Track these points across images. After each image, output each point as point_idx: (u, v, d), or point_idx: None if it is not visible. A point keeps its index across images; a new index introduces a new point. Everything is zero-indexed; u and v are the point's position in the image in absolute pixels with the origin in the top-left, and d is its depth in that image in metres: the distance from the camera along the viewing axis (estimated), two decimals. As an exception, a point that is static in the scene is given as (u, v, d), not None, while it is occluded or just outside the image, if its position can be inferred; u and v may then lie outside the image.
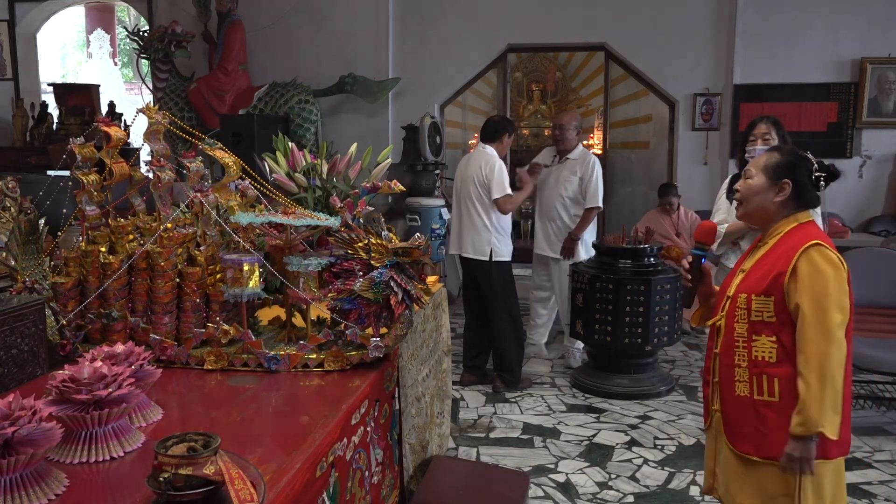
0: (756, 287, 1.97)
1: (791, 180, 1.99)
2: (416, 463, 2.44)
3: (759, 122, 3.42)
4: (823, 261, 1.88)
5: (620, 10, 6.49)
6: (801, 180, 2.00)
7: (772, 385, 1.95)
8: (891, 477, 3.34)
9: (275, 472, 1.26)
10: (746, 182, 2.06)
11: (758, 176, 2.04)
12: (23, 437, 1.14)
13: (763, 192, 2.02)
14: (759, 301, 1.96)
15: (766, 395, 1.96)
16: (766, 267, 1.97)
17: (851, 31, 6.18)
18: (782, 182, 1.99)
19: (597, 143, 9.34)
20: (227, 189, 2.01)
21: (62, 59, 13.93)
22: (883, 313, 3.97)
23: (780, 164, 2.01)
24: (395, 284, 1.79)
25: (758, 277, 1.98)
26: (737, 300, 2.01)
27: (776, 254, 1.97)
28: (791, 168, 2.00)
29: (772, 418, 1.94)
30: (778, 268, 1.93)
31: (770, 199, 2.01)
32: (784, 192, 1.99)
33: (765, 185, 2.02)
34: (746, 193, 2.05)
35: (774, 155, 2.05)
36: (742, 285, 2.02)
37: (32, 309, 1.84)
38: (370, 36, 6.80)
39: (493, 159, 4.32)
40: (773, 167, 2.01)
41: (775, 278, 1.93)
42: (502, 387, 4.44)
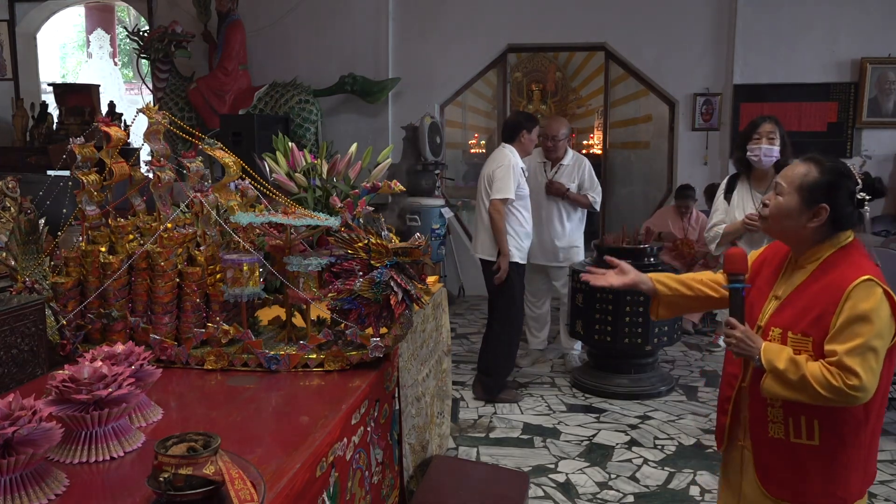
0: (794, 324, 1.75)
1: (829, 205, 1.72)
2: (416, 463, 2.44)
3: (763, 121, 3.41)
4: (874, 303, 1.64)
5: (620, 10, 6.50)
6: (841, 203, 1.73)
7: (811, 428, 1.75)
8: (891, 477, 3.34)
9: (275, 472, 1.26)
10: (777, 200, 1.80)
11: (790, 195, 1.77)
12: (23, 437, 1.14)
13: (795, 216, 1.76)
14: (796, 339, 1.74)
15: (805, 437, 1.76)
16: (805, 301, 1.74)
17: (851, 31, 6.19)
18: (818, 207, 1.73)
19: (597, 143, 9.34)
20: (227, 189, 2.01)
21: (62, 59, 13.93)
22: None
23: (817, 184, 1.74)
24: (395, 284, 1.79)
25: (796, 313, 1.75)
26: (769, 333, 1.79)
27: (818, 286, 1.74)
28: (830, 190, 1.73)
29: (811, 464, 1.77)
30: (821, 306, 1.70)
31: (803, 224, 1.76)
32: (820, 219, 1.74)
33: (797, 208, 1.76)
34: (775, 213, 1.80)
35: (812, 171, 1.76)
36: (777, 317, 1.80)
37: (32, 309, 1.84)
38: (370, 36, 6.81)
39: (505, 159, 4.16)
40: (810, 188, 1.74)
41: (818, 318, 1.70)
42: (480, 392, 4.28)
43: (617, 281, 2.04)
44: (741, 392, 1.89)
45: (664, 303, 2.06)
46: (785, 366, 1.68)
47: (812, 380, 1.65)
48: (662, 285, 2.03)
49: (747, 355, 1.76)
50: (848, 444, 1.76)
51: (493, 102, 8.54)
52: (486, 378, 4.28)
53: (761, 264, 1.94)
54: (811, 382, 1.65)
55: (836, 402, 1.66)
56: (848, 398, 1.64)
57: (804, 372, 1.66)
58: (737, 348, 1.77)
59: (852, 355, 1.63)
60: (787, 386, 1.69)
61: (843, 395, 1.63)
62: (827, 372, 1.64)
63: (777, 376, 1.70)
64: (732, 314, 1.81)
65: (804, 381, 1.66)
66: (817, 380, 1.65)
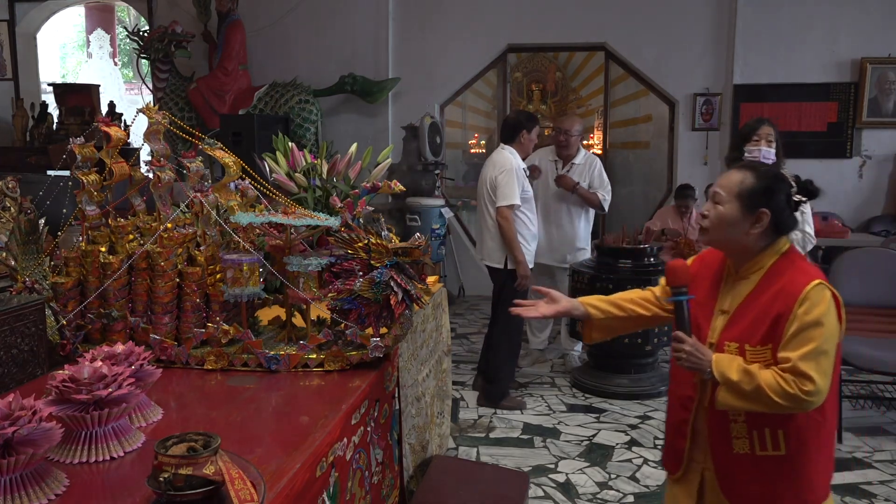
0: (750, 336, 1.73)
1: (769, 209, 1.73)
2: (416, 463, 2.44)
3: (763, 123, 3.38)
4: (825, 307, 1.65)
5: (620, 10, 6.50)
6: (780, 207, 1.74)
7: (776, 438, 1.74)
8: (891, 477, 3.34)
9: (275, 472, 1.26)
10: (717, 209, 1.78)
11: (730, 203, 1.76)
12: (23, 437, 1.14)
13: (738, 224, 1.75)
14: (754, 351, 1.72)
15: (771, 449, 1.74)
16: (758, 311, 1.73)
17: (851, 31, 6.19)
18: (759, 212, 1.73)
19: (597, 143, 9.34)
20: (227, 189, 2.01)
21: (62, 59, 13.93)
22: (883, 313, 3.97)
23: (755, 190, 1.74)
24: (395, 284, 1.79)
25: (750, 323, 1.73)
26: (723, 348, 1.76)
27: (769, 294, 1.73)
28: (768, 194, 1.74)
29: (779, 474, 1.76)
30: (775, 312, 1.69)
31: (746, 231, 1.75)
32: (762, 224, 1.74)
33: (739, 215, 1.75)
34: (717, 223, 1.78)
35: (748, 177, 1.77)
36: (729, 331, 1.77)
37: (32, 309, 1.84)
38: (370, 36, 6.81)
39: (506, 162, 4.06)
40: (749, 194, 1.75)
41: (773, 325, 1.69)
42: (483, 399, 4.26)
43: (548, 310, 2.00)
44: (699, 412, 1.83)
45: (597, 327, 2.02)
46: (738, 377, 1.66)
47: (767, 388, 1.63)
48: (595, 309, 2.00)
49: (698, 369, 1.72)
50: (812, 449, 1.76)
51: (493, 102, 8.54)
52: (489, 385, 4.26)
53: (693, 278, 1.87)
54: (766, 391, 1.64)
55: (792, 408, 1.66)
56: (803, 404, 1.64)
57: (758, 382, 1.64)
58: (687, 362, 1.72)
59: (807, 360, 1.62)
60: (742, 397, 1.67)
61: (799, 402, 1.63)
62: (781, 379, 1.63)
63: (731, 388, 1.68)
64: (679, 328, 1.76)
65: (759, 390, 1.64)
66: (772, 388, 1.63)
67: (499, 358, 4.24)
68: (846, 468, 3.42)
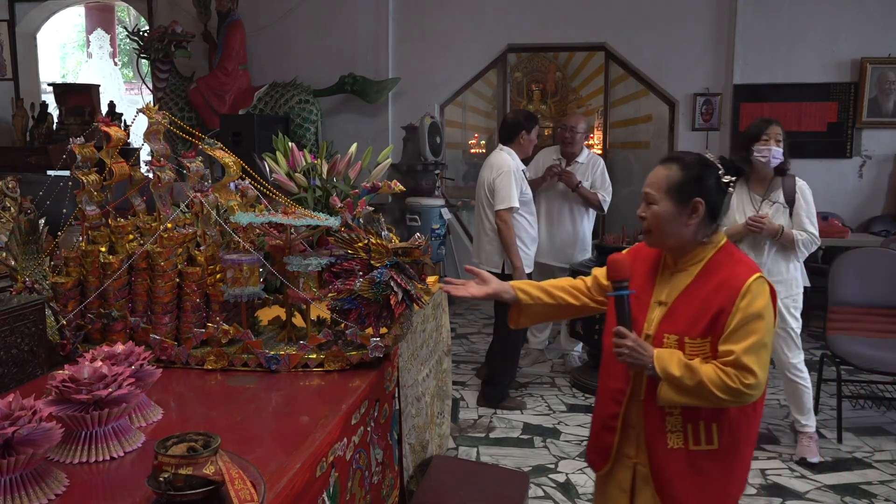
0: (690, 329, 1.70)
1: (702, 198, 1.71)
2: (416, 463, 2.44)
3: (771, 123, 3.38)
4: (765, 300, 1.67)
5: (620, 10, 6.49)
6: (712, 193, 1.73)
7: (710, 432, 1.73)
8: (891, 477, 3.34)
9: (275, 472, 1.26)
10: (652, 209, 1.76)
11: (663, 201, 1.74)
12: (23, 437, 1.14)
13: (675, 219, 1.73)
14: (693, 344, 1.70)
15: (704, 443, 1.73)
16: (699, 303, 1.71)
17: (851, 31, 6.19)
18: (693, 202, 1.71)
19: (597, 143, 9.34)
20: (227, 189, 2.01)
21: (62, 59, 13.93)
22: (883, 313, 3.96)
23: (685, 181, 1.72)
24: (395, 284, 1.79)
25: (690, 317, 1.71)
26: (663, 340, 1.74)
27: (710, 286, 1.71)
28: (698, 183, 1.72)
29: (711, 469, 1.74)
30: (717, 305, 1.68)
31: (684, 224, 1.73)
32: (698, 214, 1.72)
33: (675, 210, 1.73)
34: (655, 222, 1.76)
35: (674, 171, 1.74)
36: (668, 323, 1.75)
37: (32, 309, 1.84)
38: (370, 36, 6.80)
39: (504, 164, 4.02)
40: (678, 187, 1.72)
41: (714, 318, 1.68)
42: (483, 400, 4.26)
43: (477, 291, 1.96)
44: (631, 406, 1.80)
45: (525, 312, 2.01)
46: (680, 372, 1.65)
47: (709, 383, 1.63)
48: (524, 294, 1.98)
49: (639, 364, 1.70)
50: (743, 442, 1.77)
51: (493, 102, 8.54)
52: (488, 387, 4.27)
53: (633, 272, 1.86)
54: (708, 386, 1.63)
55: (733, 402, 1.66)
56: (744, 397, 1.64)
57: (700, 377, 1.63)
58: (629, 358, 1.71)
59: (749, 353, 1.63)
60: (684, 392, 1.66)
61: (740, 395, 1.63)
62: (722, 373, 1.63)
63: (673, 383, 1.66)
64: (620, 322, 1.74)
65: (701, 385, 1.63)
66: (714, 382, 1.62)
67: (497, 360, 4.24)
68: (846, 468, 3.42)
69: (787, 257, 3.39)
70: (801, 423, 3.51)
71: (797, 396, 3.50)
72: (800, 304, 3.45)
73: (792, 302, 3.41)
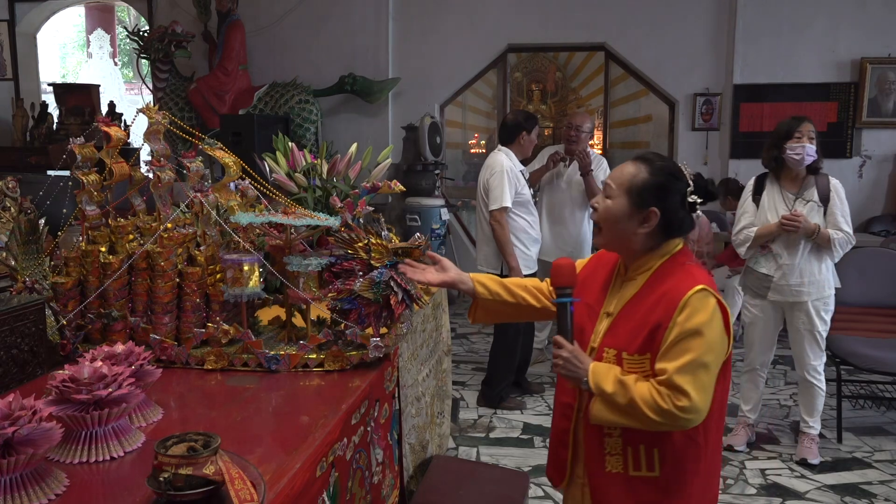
0: (628, 343, 1.58)
1: (659, 209, 1.58)
2: (416, 463, 2.44)
3: (804, 120, 3.31)
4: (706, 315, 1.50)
5: (620, 10, 6.49)
6: (672, 207, 1.59)
7: (650, 458, 1.58)
8: (891, 477, 3.34)
9: (275, 472, 1.26)
10: (605, 203, 1.65)
11: (619, 198, 1.62)
12: (23, 437, 1.14)
13: (624, 220, 1.61)
14: (632, 360, 1.57)
15: (645, 469, 1.58)
16: (639, 317, 1.58)
17: (851, 31, 6.19)
18: (648, 211, 1.59)
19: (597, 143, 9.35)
20: (227, 189, 2.01)
21: (62, 59, 13.93)
22: (883, 313, 3.97)
23: (647, 186, 1.59)
24: (395, 284, 1.79)
25: (629, 331, 1.59)
26: (603, 354, 1.61)
27: (650, 300, 1.58)
28: (661, 192, 1.59)
29: (652, 499, 1.59)
30: (655, 319, 1.54)
31: (633, 230, 1.61)
32: (650, 224, 1.59)
33: (627, 212, 1.60)
34: (604, 217, 1.64)
35: (642, 171, 1.61)
36: (609, 337, 1.62)
37: (32, 309, 1.84)
38: (370, 36, 6.80)
39: (498, 164, 4.00)
40: (640, 190, 1.60)
41: (652, 333, 1.54)
42: (482, 400, 4.27)
43: (434, 278, 1.82)
44: (579, 422, 1.68)
45: (482, 306, 1.87)
46: (613, 388, 1.52)
47: (641, 403, 1.49)
48: (483, 287, 1.85)
49: (574, 378, 1.59)
50: (690, 473, 1.59)
51: (493, 102, 8.54)
52: (486, 388, 4.27)
53: (585, 278, 1.75)
54: (640, 405, 1.49)
55: (667, 425, 1.51)
56: (678, 421, 1.49)
57: (632, 395, 1.50)
58: (564, 370, 1.59)
59: (683, 373, 1.48)
60: (616, 410, 1.53)
61: (673, 418, 1.48)
62: (656, 393, 1.49)
63: (605, 400, 1.54)
64: (560, 332, 1.63)
65: (633, 404, 1.50)
66: (646, 402, 1.49)
67: (495, 362, 4.25)
68: (846, 468, 3.42)
69: (821, 258, 3.32)
70: (807, 424, 3.50)
71: (810, 398, 3.47)
72: (830, 307, 3.38)
73: (822, 305, 3.35)
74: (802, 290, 3.33)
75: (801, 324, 3.39)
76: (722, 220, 6.49)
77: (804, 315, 3.37)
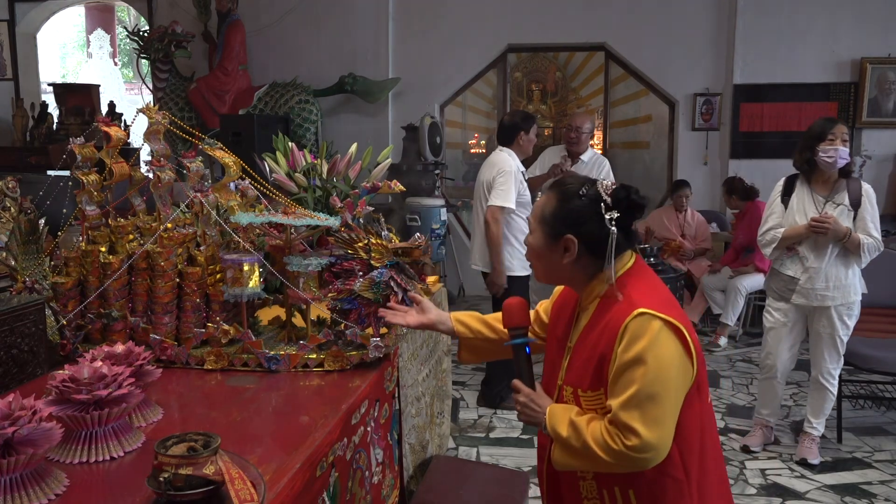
0: (580, 379, 1.47)
1: (575, 235, 1.46)
2: (416, 463, 2.44)
3: (837, 122, 3.26)
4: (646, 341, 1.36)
5: (620, 10, 6.50)
6: (589, 230, 1.45)
7: (627, 499, 1.47)
8: (891, 477, 3.34)
9: (275, 472, 1.26)
10: (528, 238, 1.57)
11: (536, 231, 1.52)
12: (23, 437, 1.14)
13: (546, 253, 1.51)
14: (587, 398, 1.46)
15: None
16: (588, 349, 1.47)
17: (851, 31, 6.19)
18: (564, 239, 1.47)
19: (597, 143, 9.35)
20: (227, 189, 2.01)
21: (62, 59, 13.93)
22: (883, 313, 3.97)
23: (556, 214, 1.48)
24: (395, 284, 1.79)
25: (581, 364, 1.48)
26: (563, 394, 1.52)
27: (596, 331, 1.46)
28: (572, 218, 1.46)
29: None
30: (599, 351, 1.43)
31: (558, 261, 1.49)
32: (570, 252, 1.47)
33: (545, 244, 1.50)
34: (530, 252, 1.57)
35: (550, 201, 1.50)
36: (568, 373, 1.52)
37: (32, 309, 1.84)
38: (370, 36, 6.80)
39: (505, 164, 3.96)
40: (550, 220, 1.49)
41: (598, 366, 1.43)
42: (482, 400, 4.26)
43: (413, 320, 1.78)
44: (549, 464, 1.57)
45: (464, 346, 1.81)
46: (567, 432, 1.42)
47: (594, 445, 1.38)
48: (463, 326, 1.79)
49: (535, 422, 1.51)
50: None
51: (493, 102, 8.54)
52: (485, 388, 4.27)
53: (558, 311, 1.65)
54: (593, 448, 1.38)
55: (625, 467, 1.39)
56: (634, 462, 1.37)
57: (585, 437, 1.40)
58: (524, 415, 1.52)
59: (628, 409, 1.35)
60: (573, 454, 1.43)
61: (628, 459, 1.36)
62: (606, 433, 1.38)
63: (562, 445, 1.45)
64: (518, 375, 1.55)
65: (587, 447, 1.39)
66: (599, 444, 1.38)
67: (494, 362, 4.21)
68: (846, 468, 3.42)
69: (848, 262, 3.28)
70: (811, 424, 3.48)
71: (820, 400, 3.44)
72: (854, 312, 3.34)
73: (846, 310, 3.31)
74: (827, 294, 3.28)
75: (822, 327, 3.35)
76: (722, 219, 6.50)
77: (826, 319, 3.32)
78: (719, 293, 5.59)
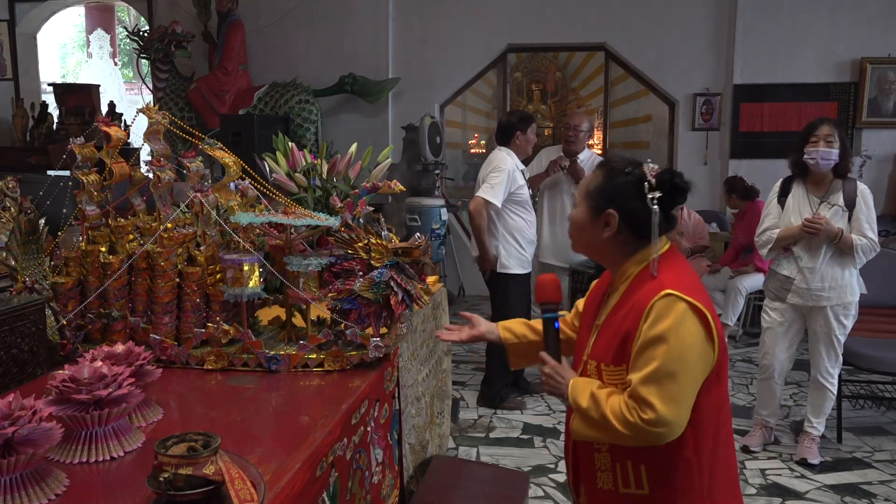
0: (605, 354, 1.53)
1: (616, 210, 1.52)
2: (416, 463, 2.44)
3: (821, 123, 3.27)
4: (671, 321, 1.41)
5: (620, 10, 6.50)
6: (631, 206, 1.52)
7: (638, 474, 1.52)
8: (891, 477, 3.34)
9: (275, 472, 1.26)
10: (571, 213, 1.64)
11: (581, 205, 1.59)
12: (23, 437, 1.14)
13: (588, 228, 1.57)
14: (609, 372, 1.52)
15: (634, 486, 1.53)
16: (614, 326, 1.53)
17: (851, 31, 6.19)
18: (606, 214, 1.53)
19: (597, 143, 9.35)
20: (227, 189, 2.01)
21: (62, 59, 13.93)
22: (883, 313, 3.97)
23: (601, 188, 1.55)
24: (395, 284, 1.79)
25: (606, 341, 1.54)
26: (587, 368, 1.58)
27: (625, 309, 1.52)
28: (616, 193, 1.53)
29: None
30: (625, 328, 1.49)
31: (598, 236, 1.56)
32: (611, 227, 1.54)
33: (588, 218, 1.57)
34: (572, 227, 1.63)
35: (597, 176, 1.58)
36: (594, 349, 1.58)
37: (32, 309, 1.84)
38: (370, 36, 6.81)
39: (502, 162, 3.98)
40: (595, 194, 1.56)
41: (623, 343, 1.49)
42: (482, 400, 4.27)
43: (466, 336, 1.88)
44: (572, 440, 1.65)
45: (512, 351, 1.88)
46: (587, 403, 1.49)
47: (612, 417, 1.44)
48: (508, 333, 1.87)
49: (558, 393, 1.59)
50: (680, 491, 1.51)
51: (493, 102, 8.54)
52: (485, 388, 4.27)
53: (590, 299, 1.73)
54: (611, 420, 1.44)
55: (639, 440, 1.44)
56: (648, 435, 1.41)
57: (603, 409, 1.46)
58: (547, 386, 1.61)
59: (647, 383, 1.41)
60: (592, 425, 1.49)
61: (643, 433, 1.41)
62: (624, 406, 1.44)
63: (581, 415, 1.50)
64: (546, 349, 1.64)
65: (605, 419, 1.45)
66: (616, 416, 1.44)
67: (493, 362, 4.24)
68: (846, 468, 3.42)
69: (844, 263, 3.28)
70: (811, 424, 3.48)
71: (820, 400, 3.45)
72: (851, 312, 3.34)
73: (842, 310, 3.31)
74: (823, 294, 3.29)
75: (819, 327, 3.36)
76: (722, 219, 6.50)
77: (822, 319, 3.34)
78: (719, 293, 5.60)
